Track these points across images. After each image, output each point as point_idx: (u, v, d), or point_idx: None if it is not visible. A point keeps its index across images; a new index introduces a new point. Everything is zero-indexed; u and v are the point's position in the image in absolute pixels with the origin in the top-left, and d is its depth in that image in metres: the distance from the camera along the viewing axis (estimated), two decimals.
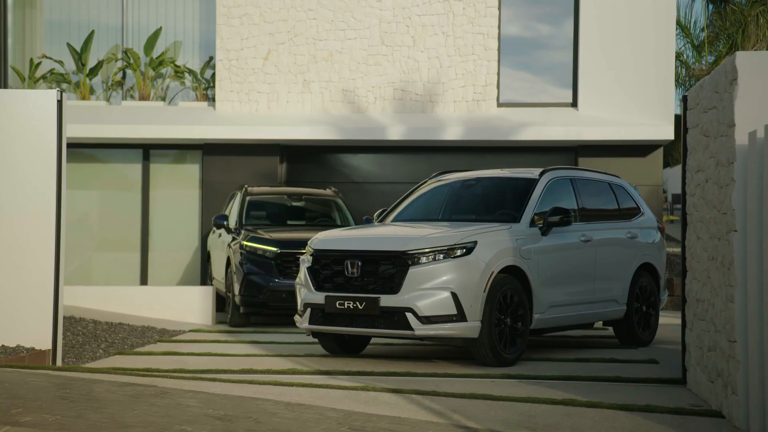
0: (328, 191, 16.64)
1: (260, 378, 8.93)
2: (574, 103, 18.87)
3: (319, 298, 10.17)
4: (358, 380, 8.89)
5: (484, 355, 9.90)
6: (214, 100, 19.52)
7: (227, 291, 14.81)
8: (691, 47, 22.56)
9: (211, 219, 17.37)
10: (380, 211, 12.03)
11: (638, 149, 18.72)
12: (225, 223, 15.29)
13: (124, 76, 20.12)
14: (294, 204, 16.45)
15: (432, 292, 9.71)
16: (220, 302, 16.27)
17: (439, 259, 9.81)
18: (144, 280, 19.40)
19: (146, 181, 19.55)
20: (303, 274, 10.48)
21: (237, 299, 14.11)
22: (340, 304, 9.99)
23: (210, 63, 19.86)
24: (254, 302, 14.01)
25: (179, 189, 19.65)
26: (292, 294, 13.83)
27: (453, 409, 7.48)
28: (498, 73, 18.84)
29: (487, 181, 11.79)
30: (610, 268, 11.68)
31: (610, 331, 13.58)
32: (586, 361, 10.45)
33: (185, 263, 19.44)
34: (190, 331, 13.48)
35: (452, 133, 18.35)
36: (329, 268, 10.24)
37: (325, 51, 18.89)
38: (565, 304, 10.95)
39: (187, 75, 19.84)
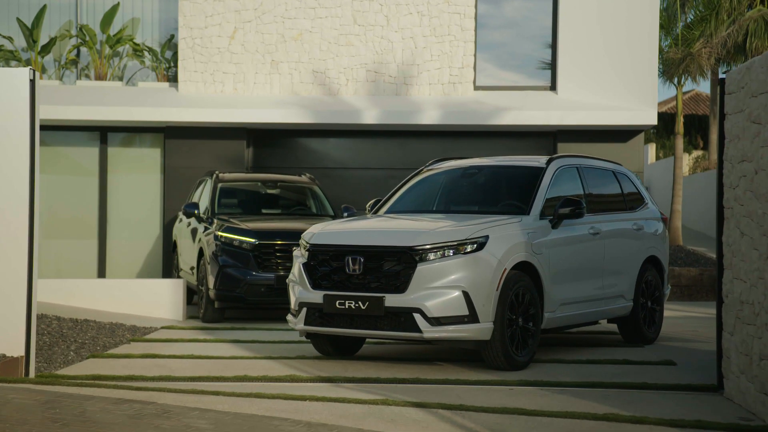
0: (303, 178, 15.70)
1: (261, 387, 8.08)
2: (553, 87, 18.18)
3: (316, 297, 9.32)
4: (370, 390, 8.09)
5: (496, 358, 9.15)
6: (176, 80, 18.51)
7: (199, 284, 13.86)
8: (664, 30, 21.94)
9: (180, 207, 16.41)
10: (374, 201, 11.16)
11: (619, 134, 18.09)
12: (195, 211, 14.33)
13: (78, 54, 19.00)
14: (268, 191, 15.50)
15: (442, 291, 8.92)
16: (188, 295, 15.33)
17: (448, 256, 9.01)
18: (102, 271, 18.35)
19: (104, 166, 18.49)
20: (297, 270, 9.62)
21: (211, 293, 13.19)
22: (340, 304, 9.15)
23: (171, 41, 18.82)
24: (230, 296, 13.10)
25: (139, 174, 18.60)
26: (271, 288, 13.01)
27: (490, 428, 6.71)
28: (475, 55, 18.08)
29: (489, 170, 10.97)
30: (618, 263, 10.98)
31: (607, 325, 12.94)
32: (599, 363, 9.77)
33: (146, 253, 18.43)
34: (162, 328, 12.54)
35: (428, 117, 17.55)
36: (327, 264, 9.38)
37: (295, 30, 17.97)
38: (575, 302, 10.23)
39: (146, 54, 18.79)
